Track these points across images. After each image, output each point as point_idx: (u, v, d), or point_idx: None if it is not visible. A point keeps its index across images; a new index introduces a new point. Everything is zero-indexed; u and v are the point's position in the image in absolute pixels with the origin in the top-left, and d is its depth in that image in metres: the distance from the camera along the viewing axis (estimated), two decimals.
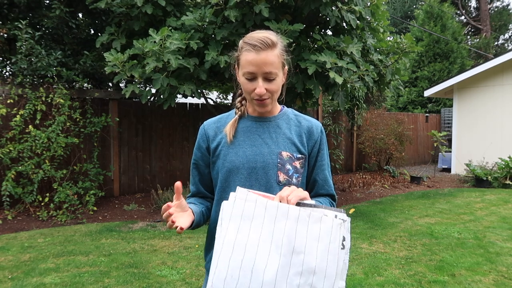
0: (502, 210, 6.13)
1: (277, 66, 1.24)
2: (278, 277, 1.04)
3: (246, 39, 1.25)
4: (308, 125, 1.36)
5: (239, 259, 1.05)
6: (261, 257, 1.05)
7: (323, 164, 1.37)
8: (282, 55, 1.27)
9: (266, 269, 1.04)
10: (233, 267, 1.05)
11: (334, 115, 10.10)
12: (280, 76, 1.27)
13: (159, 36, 4.58)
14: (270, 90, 1.25)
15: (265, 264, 1.04)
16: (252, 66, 1.21)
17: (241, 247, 1.06)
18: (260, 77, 1.22)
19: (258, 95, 1.24)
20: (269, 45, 1.21)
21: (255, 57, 1.20)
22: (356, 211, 6.07)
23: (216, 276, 1.05)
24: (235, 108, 1.39)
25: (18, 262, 3.79)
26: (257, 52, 1.20)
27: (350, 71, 4.94)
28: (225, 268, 1.05)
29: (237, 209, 1.10)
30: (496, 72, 10.08)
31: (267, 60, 1.21)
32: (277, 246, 1.06)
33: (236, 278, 1.04)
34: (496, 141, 10.07)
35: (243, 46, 1.25)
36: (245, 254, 1.05)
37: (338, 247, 1.06)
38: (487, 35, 20.72)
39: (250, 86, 1.25)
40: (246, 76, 1.24)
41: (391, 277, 3.49)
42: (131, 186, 7.13)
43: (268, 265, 1.04)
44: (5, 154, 5.28)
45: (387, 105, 13.70)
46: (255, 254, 1.05)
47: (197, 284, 3.34)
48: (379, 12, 5.69)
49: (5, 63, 6.25)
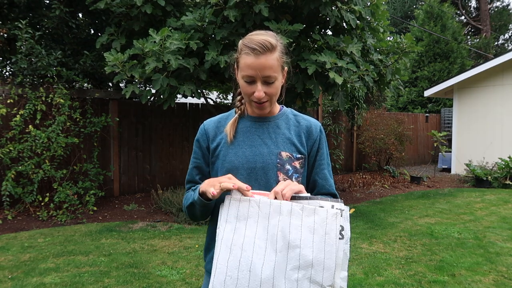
0: (502, 210, 6.13)
1: (276, 70, 1.24)
2: (275, 273, 1.04)
3: (245, 41, 1.24)
4: (307, 125, 1.36)
5: (236, 259, 1.06)
6: (258, 255, 1.06)
7: (323, 164, 1.36)
8: (282, 57, 1.27)
9: (263, 267, 1.04)
10: (231, 268, 1.05)
11: (334, 115, 10.10)
12: (279, 79, 1.27)
13: (159, 36, 4.58)
14: (269, 93, 1.25)
15: (262, 262, 1.05)
16: (251, 70, 1.21)
17: (238, 248, 1.07)
18: (259, 81, 1.22)
19: (257, 98, 1.24)
20: (269, 48, 1.21)
21: (254, 61, 1.20)
22: (356, 211, 6.07)
23: (216, 278, 1.06)
24: (235, 107, 1.39)
25: (18, 262, 3.79)
26: (256, 56, 1.20)
27: (350, 71, 4.94)
28: (224, 270, 1.06)
29: (232, 211, 1.11)
30: (496, 72, 10.08)
31: (266, 64, 1.20)
32: (272, 243, 1.06)
33: (235, 279, 1.05)
34: (496, 141, 10.07)
35: (242, 48, 1.24)
36: (242, 254, 1.06)
37: (335, 237, 1.06)
38: (487, 35, 20.72)
39: (249, 89, 1.25)
40: (245, 79, 1.24)
41: (391, 277, 3.50)
42: (131, 186, 7.13)
43: (265, 263, 1.05)
44: (5, 154, 5.28)
45: (387, 105, 13.70)
46: (252, 253, 1.06)
47: (197, 284, 3.34)
48: (379, 12, 5.69)
49: (5, 63, 6.25)
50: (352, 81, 4.97)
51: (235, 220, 1.10)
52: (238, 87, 1.39)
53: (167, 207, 5.85)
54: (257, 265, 1.05)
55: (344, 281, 1.06)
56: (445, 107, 14.70)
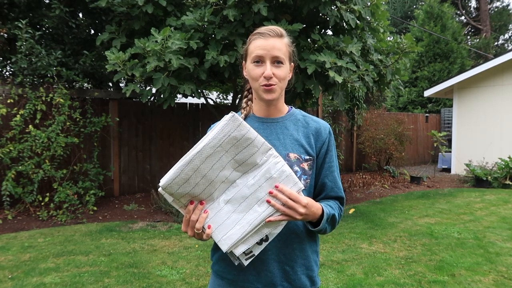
0: (502, 210, 6.13)
1: (285, 53, 1.26)
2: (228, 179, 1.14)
3: (255, 31, 1.29)
4: (316, 126, 1.34)
5: (197, 164, 1.09)
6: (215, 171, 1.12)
7: (332, 166, 1.34)
8: (290, 46, 1.29)
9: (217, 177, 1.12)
10: (188, 170, 1.09)
11: (334, 115, 10.10)
12: (287, 66, 1.27)
13: (161, 36, 4.59)
14: (278, 75, 1.24)
15: (217, 173, 1.12)
16: (261, 50, 1.23)
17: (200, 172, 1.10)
18: (268, 61, 1.23)
19: (266, 77, 1.23)
20: (277, 34, 1.25)
21: (263, 42, 1.24)
22: (356, 211, 6.07)
23: (168, 177, 1.09)
24: (241, 108, 1.38)
25: (18, 262, 3.79)
26: (266, 38, 1.24)
27: (350, 71, 4.94)
28: (178, 171, 1.09)
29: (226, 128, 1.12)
30: (496, 72, 10.08)
31: (275, 45, 1.23)
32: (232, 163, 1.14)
33: (186, 178, 1.09)
34: (496, 141, 10.07)
35: (251, 37, 1.29)
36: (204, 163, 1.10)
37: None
38: (487, 35, 20.72)
39: (258, 71, 1.24)
40: (254, 60, 1.25)
41: (391, 277, 3.50)
42: (131, 186, 7.13)
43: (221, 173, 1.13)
44: (5, 154, 5.29)
45: (387, 105, 13.71)
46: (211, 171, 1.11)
47: (197, 284, 3.35)
48: (379, 12, 5.69)
49: (5, 63, 6.25)
50: (352, 81, 4.97)
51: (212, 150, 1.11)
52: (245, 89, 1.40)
53: (167, 207, 5.86)
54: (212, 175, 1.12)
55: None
56: (445, 107, 14.70)
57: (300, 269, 1.28)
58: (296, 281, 1.27)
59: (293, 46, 1.33)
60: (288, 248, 1.26)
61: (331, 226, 1.28)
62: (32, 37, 5.62)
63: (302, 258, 1.28)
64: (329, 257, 4.00)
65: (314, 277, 1.32)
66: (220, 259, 1.30)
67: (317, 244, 1.36)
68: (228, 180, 1.14)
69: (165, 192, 1.11)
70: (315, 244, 1.34)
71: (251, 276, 1.25)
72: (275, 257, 1.25)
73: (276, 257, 1.25)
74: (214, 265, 1.35)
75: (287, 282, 1.26)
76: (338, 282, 3.39)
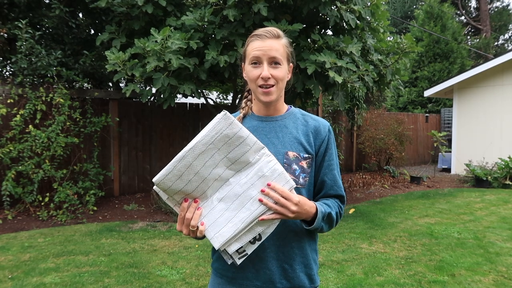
0: (502, 210, 6.13)
1: (282, 54, 1.26)
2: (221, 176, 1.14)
3: (252, 33, 1.30)
4: (315, 125, 1.34)
5: (190, 161, 1.10)
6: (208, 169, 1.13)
7: (332, 164, 1.34)
8: (288, 47, 1.29)
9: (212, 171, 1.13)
10: (181, 167, 1.09)
11: (334, 115, 10.10)
12: (285, 67, 1.28)
13: (161, 36, 4.59)
14: (275, 76, 1.24)
15: (210, 171, 1.13)
16: (258, 51, 1.24)
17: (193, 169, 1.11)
18: (266, 62, 1.24)
19: (264, 78, 1.23)
20: (274, 35, 1.26)
21: (260, 43, 1.24)
22: (356, 211, 6.08)
23: (161, 173, 1.09)
24: (240, 108, 1.39)
25: (18, 262, 3.79)
26: (263, 40, 1.25)
27: (350, 71, 4.94)
28: (172, 166, 1.09)
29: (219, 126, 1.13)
30: (496, 72, 10.08)
31: (272, 46, 1.24)
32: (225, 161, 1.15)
33: (179, 175, 1.09)
34: (496, 141, 10.07)
35: (249, 39, 1.30)
36: (197, 160, 1.10)
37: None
38: (487, 35, 20.72)
39: (256, 72, 1.25)
40: (252, 61, 1.25)
41: (391, 277, 3.50)
42: (131, 186, 7.13)
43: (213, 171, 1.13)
44: (5, 154, 5.29)
45: (387, 105, 13.70)
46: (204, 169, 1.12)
47: (197, 284, 3.35)
48: (379, 12, 5.69)
49: (5, 63, 6.25)
50: (352, 81, 4.97)
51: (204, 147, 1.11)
52: (245, 90, 1.40)
53: (167, 207, 5.86)
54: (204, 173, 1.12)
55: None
56: (445, 107, 14.70)
57: (299, 267, 1.28)
58: (294, 279, 1.27)
59: (292, 47, 1.33)
60: (287, 246, 1.26)
61: (328, 225, 1.28)
62: (32, 37, 5.62)
63: (300, 256, 1.29)
64: (329, 257, 4.00)
65: (313, 276, 1.32)
66: (220, 257, 1.31)
67: (316, 242, 1.36)
68: (221, 178, 1.14)
69: (158, 188, 1.12)
70: (314, 243, 1.34)
71: (250, 273, 1.26)
72: (274, 255, 1.25)
73: (275, 255, 1.25)
74: (214, 263, 1.36)
75: (285, 280, 1.26)
76: (338, 282, 3.39)
